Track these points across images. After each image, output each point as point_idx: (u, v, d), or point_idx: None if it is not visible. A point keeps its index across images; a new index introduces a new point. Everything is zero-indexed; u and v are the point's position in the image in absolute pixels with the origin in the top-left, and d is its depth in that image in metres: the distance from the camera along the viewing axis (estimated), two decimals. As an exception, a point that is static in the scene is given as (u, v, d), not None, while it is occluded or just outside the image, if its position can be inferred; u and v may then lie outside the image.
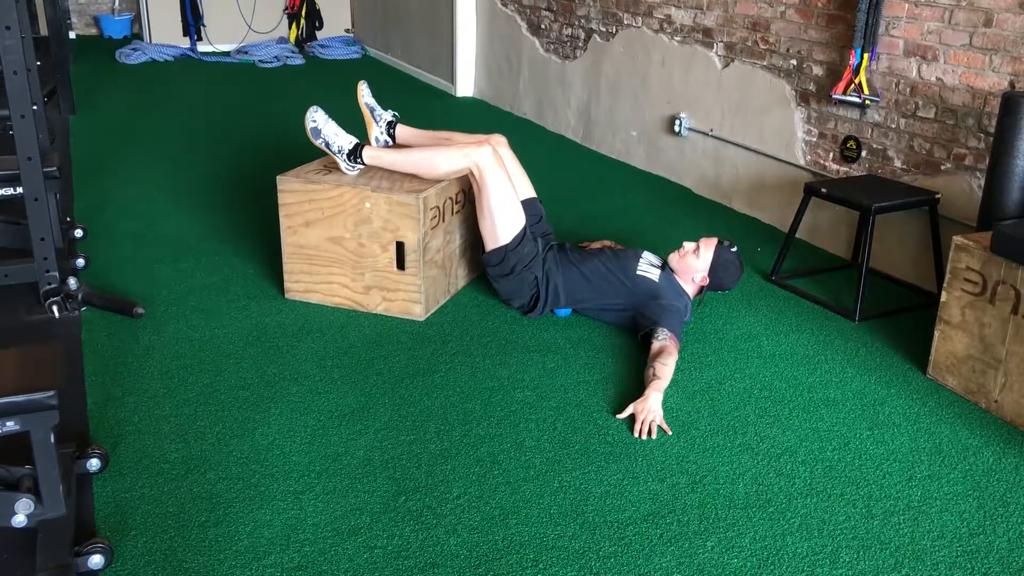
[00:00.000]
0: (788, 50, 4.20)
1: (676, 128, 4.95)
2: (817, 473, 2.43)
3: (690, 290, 3.26)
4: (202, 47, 9.39)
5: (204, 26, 9.49)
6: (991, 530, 2.23)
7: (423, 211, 3.15)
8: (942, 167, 3.53)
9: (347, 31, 10.04)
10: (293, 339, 3.12)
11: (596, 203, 4.75)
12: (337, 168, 3.36)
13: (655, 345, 2.95)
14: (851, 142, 3.91)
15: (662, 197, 4.87)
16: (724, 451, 2.52)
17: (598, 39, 5.65)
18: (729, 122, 4.61)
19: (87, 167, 5.13)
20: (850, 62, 3.76)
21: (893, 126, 3.71)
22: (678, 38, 4.92)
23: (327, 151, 3.32)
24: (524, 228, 3.22)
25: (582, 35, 5.82)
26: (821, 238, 4.13)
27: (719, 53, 4.64)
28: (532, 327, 3.25)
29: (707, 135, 4.77)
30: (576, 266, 3.27)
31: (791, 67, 4.19)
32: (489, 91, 7.17)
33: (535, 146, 5.92)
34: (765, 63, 4.34)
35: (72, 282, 3.25)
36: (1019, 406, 2.66)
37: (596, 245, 3.86)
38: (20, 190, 3.58)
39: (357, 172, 3.34)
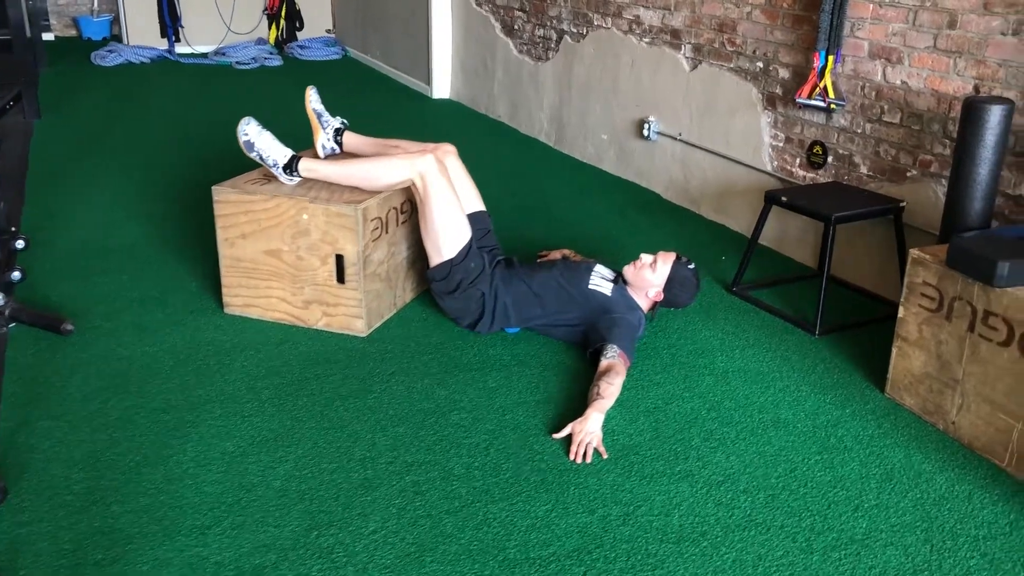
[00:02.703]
0: (754, 52, 4.06)
1: (645, 132, 4.82)
2: (758, 503, 2.30)
3: (644, 304, 3.13)
4: (180, 48, 9.27)
5: (182, 27, 9.36)
6: (936, 566, 2.10)
7: (362, 222, 3.02)
8: (908, 174, 3.39)
9: (328, 32, 9.91)
10: (226, 357, 2.99)
11: (564, 209, 4.62)
12: (276, 178, 3.23)
13: (603, 363, 2.82)
14: (817, 147, 3.77)
15: (630, 203, 4.73)
16: (662, 478, 2.39)
17: (569, 40, 5.52)
18: (697, 126, 4.48)
19: (45, 173, 5.00)
20: (814, 65, 3.62)
21: (859, 131, 3.58)
22: (647, 39, 4.79)
23: (262, 164, 3.19)
24: (470, 241, 3.09)
25: (554, 36, 5.69)
26: (788, 247, 3.99)
27: (687, 55, 4.51)
28: (478, 343, 3.12)
29: (675, 139, 4.63)
30: (525, 282, 3.13)
31: (757, 70, 4.06)
32: (465, 93, 7.04)
33: (507, 149, 5.80)
34: (732, 65, 4.21)
35: (0, 298, 3.12)
36: (976, 429, 2.53)
37: (555, 255, 3.74)
38: (-47, 201, 3.45)
39: (296, 182, 3.21)
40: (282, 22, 9.68)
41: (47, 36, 10.32)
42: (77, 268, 3.69)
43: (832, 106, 3.62)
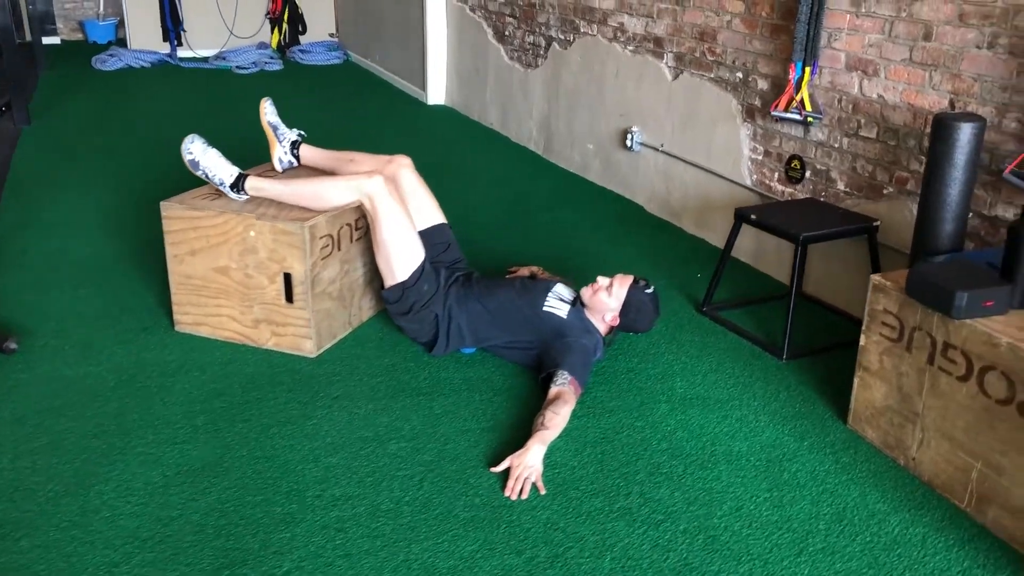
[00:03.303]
0: (734, 62, 3.93)
1: (628, 143, 4.70)
2: (696, 545, 2.18)
3: (601, 328, 3.02)
4: (182, 52, 9.24)
5: (184, 31, 9.34)
6: (877, 620, 1.97)
7: (309, 241, 2.93)
8: (884, 191, 3.26)
9: (331, 36, 9.86)
10: (169, 378, 2.91)
11: (544, 219, 4.52)
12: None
13: (552, 390, 2.72)
14: (795, 162, 3.64)
15: (612, 215, 4.62)
16: (599, 516, 2.28)
17: (557, 47, 5.41)
18: (679, 137, 4.36)
19: (26, 181, 4.96)
20: (790, 76, 3.49)
21: (836, 146, 3.44)
22: (631, 47, 4.67)
23: (210, 182, 3.11)
24: (423, 263, 2.98)
25: (543, 43, 5.58)
26: (767, 264, 3.86)
27: (669, 64, 4.38)
28: (431, 365, 3.02)
29: (658, 150, 4.51)
30: (480, 302, 3.03)
31: (737, 80, 3.93)
32: (459, 99, 6.95)
33: (496, 157, 5.70)
34: (712, 75, 4.08)
35: (-57, 315, 3.06)
36: (936, 466, 2.39)
37: (523, 271, 3.64)
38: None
39: (246, 198, 3.12)
40: (284, 26, 9.64)
41: (53, 40, 10.37)
42: (38, 281, 3.63)
43: (809, 119, 3.48)
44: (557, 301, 3.02)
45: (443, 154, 5.77)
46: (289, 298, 3.01)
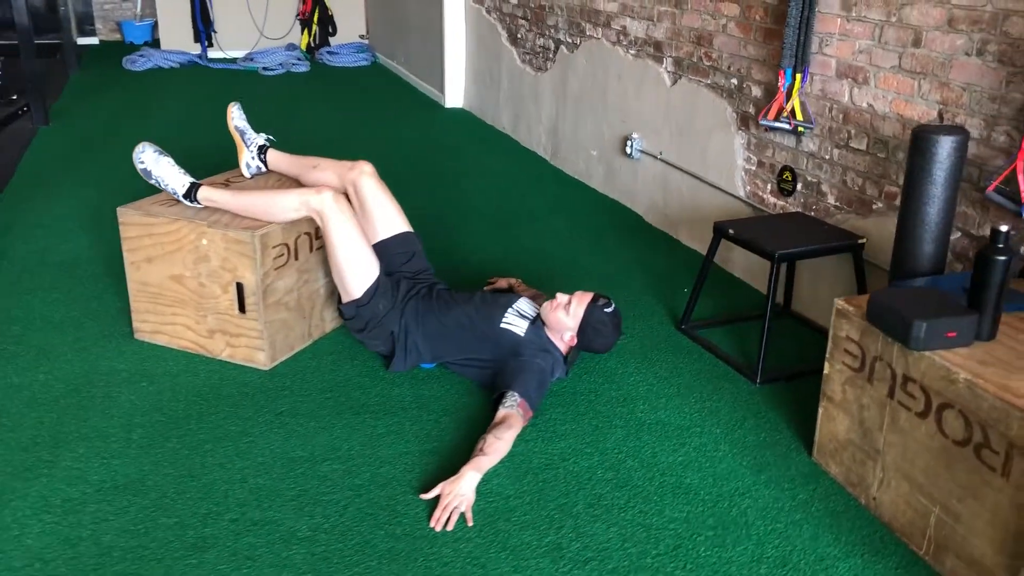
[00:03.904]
0: (729, 67, 3.76)
1: (628, 150, 4.54)
2: (621, 587, 2.04)
3: (561, 347, 2.88)
4: (213, 53, 9.29)
5: (215, 32, 9.38)
6: None
7: (260, 250, 2.84)
8: (874, 206, 3.06)
9: (361, 37, 9.83)
10: (117, 388, 2.84)
11: (541, 227, 4.39)
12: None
13: (499, 412, 2.59)
14: (787, 173, 3.46)
15: (610, 224, 4.47)
16: (525, 551, 2.15)
17: (565, 50, 5.27)
18: (677, 145, 4.19)
19: (28, 181, 4.98)
20: (780, 83, 3.31)
21: (827, 157, 3.26)
22: (632, 51, 4.51)
23: (164, 191, 3.04)
24: (377, 281, 2.87)
25: (552, 46, 5.44)
26: (759, 280, 3.68)
27: (668, 69, 4.22)
28: (384, 382, 2.91)
29: (656, 158, 4.35)
30: (438, 317, 2.91)
31: (732, 86, 3.75)
32: (475, 103, 6.85)
33: (504, 162, 5.58)
34: (709, 81, 3.91)
35: (-99, 319, 3.03)
36: (896, 508, 2.21)
37: (502, 283, 3.52)
38: None
39: (202, 207, 3.05)
40: (314, 28, 9.64)
41: (91, 40, 10.51)
42: (14, 283, 3.61)
43: (800, 129, 3.30)
44: (516, 318, 2.89)
45: (450, 159, 5.67)
46: (242, 308, 2.93)
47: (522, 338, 2.83)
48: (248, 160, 3.33)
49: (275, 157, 3.33)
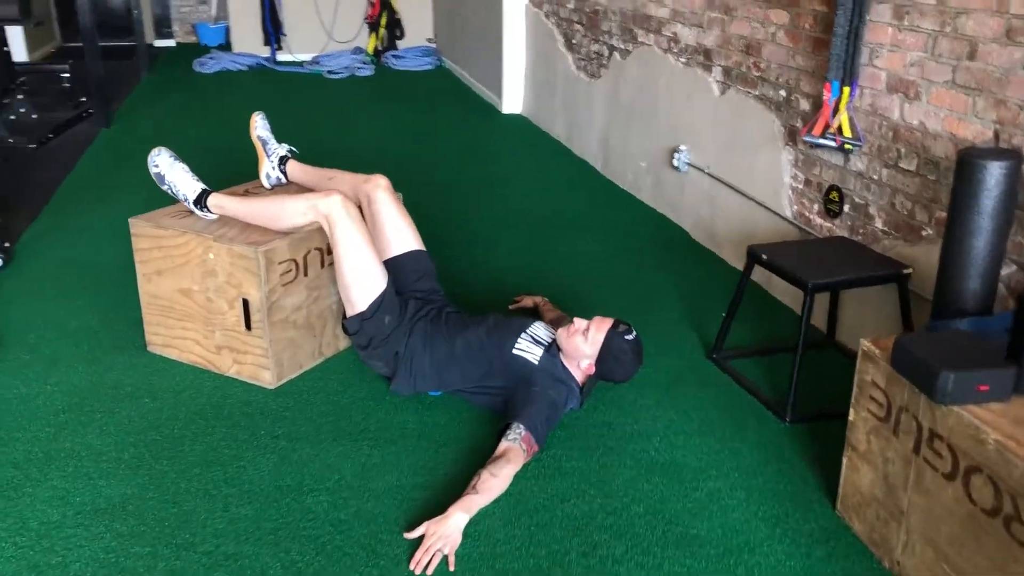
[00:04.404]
0: (777, 79, 3.53)
1: (675, 162, 4.34)
2: (602, 652, 1.87)
3: (578, 375, 2.72)
4: (282, 56, 9.36)
5: (284, 35, 9.45)
6: None
7: (264, 266, 2.75)
8: (923, 233, 2.81)
9: (428, 41, 9.78)
10: (118, 403, 2.79)
11: (584, 240, 4.24)
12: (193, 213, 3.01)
13: (501, 445, 2.44)
14: (834, 193, 3.22)
15: (655, 240, 4.27)
16: (505, 604, 1.99)
17: (618, 57, 5.09)
18: (725, 158, 3.97)
19: (80, 184, 5.02)
20: (826, 97, 3.08)
21: (875, 177, 3.01)
22: (683, 59, 4.31)
23: (175, 197, 2.98)
24: (383, 294, 2.75)
25: (606, 52, 5.27)
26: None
27: (717, 78, 4.01)
28: (389, 406, 2.79)
29: (703, 172, 4.13)
30: (447, 341, 2.77)
31: (780, 99, 3.52)
32: (532, 109, 6.70)
33: (556, 172, 5.43)
34: (757, 92, 3.69)
35: (-81, 325, 3.04)
36: (919, 575, 1.99)
37: (528, 302, 3.39)
38: (-85, 219, 3.43)
39: (214, 218, 2.98)
40: (382, 31, 9.62)
41: (168, 43, 10.72)
42: (39, 290, 3.61)
43: (847, 147, 3.06)
44: (530, 344, 2.73)
45: (499, 166, 5.54)
46: (248, 325, 2.84)
47: (535, 366, 2.68)
48: (268, 170, 3.26)
49: (294, 168, 3.25)
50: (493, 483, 2.31)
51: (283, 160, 3.25)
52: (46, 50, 9.56)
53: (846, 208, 3.17)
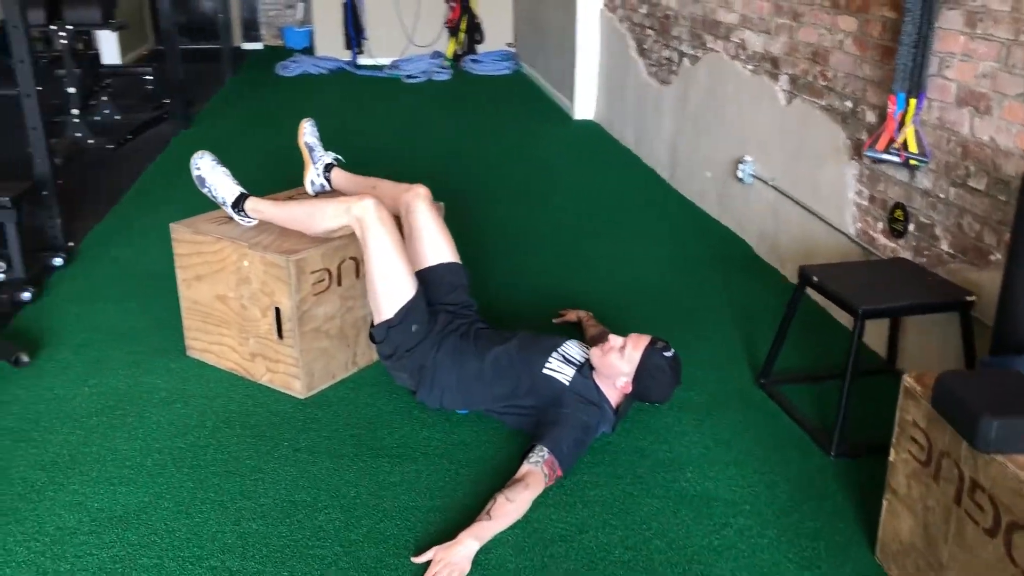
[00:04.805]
0: (844, 89, 3.35)
1: (739, 173, 4.17)
2: None
3: (612, 396, 2.60)
4: (363, 60, 9.45)
5: (366, 39, 9.54)
6: None
7: (296, 275, 2.72)
8: (991, 257, 2.61)
9: (508, 45, 9.74)
10: (150, 408, 2.80)
11: (643, 252, 4.13)
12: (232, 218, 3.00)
13: (522, 468, 2.36)
14: (898, 211, 3.02)
15: (715, 254, 4.11)
16: (506, 641, 1.90)
17: (687, 63, 4.94)
18: (790, 171, 3.79)
19: (153, 186, 5.13)
20: (890, 110, 2.89)
21: (942, 196, 2.81)
22: (750, 66, 4.14)
23: (214, 201, 2.98)
24: (411, 302, 2.68)
25: (676, 58, 5.12)
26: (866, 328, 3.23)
27: (783, 87, 3.83)
28: (416, 422, 2.73)
29: (767, 184, 3.96)
30: (478, 358, 2.69)
31: (846, 110, 3.34)
32: (604, 115, 6.58)
33: (622, 180, 5.31)
34: (823, 103, 3.50)
35: (-30, 322, 3.11)
36: (958, 639, 1.81)
37: (572, 316, 3.30)
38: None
39: (254, 223, 2.97)
40: (462, 35, 9.63)
41: (256, 46, 10.96)
42: (93, 290, 3.67)
43: (912, 162, 2.87)
44: (561, 363, 2.63)
45: (564, 173, 5.44)
46: (280, 333, 2.82)
47: (566, 387, 2.58)
48: (313, 177, 3.24)
49: (339, 176, 3.22)
50: (508, 508, 2.22)
51: (328, 168, 3.22)
52: (139, 52, 9.86)
53: (911, 228, 2.97)
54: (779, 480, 2.45)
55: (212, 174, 2.95)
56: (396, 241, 2.68)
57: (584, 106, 6.83)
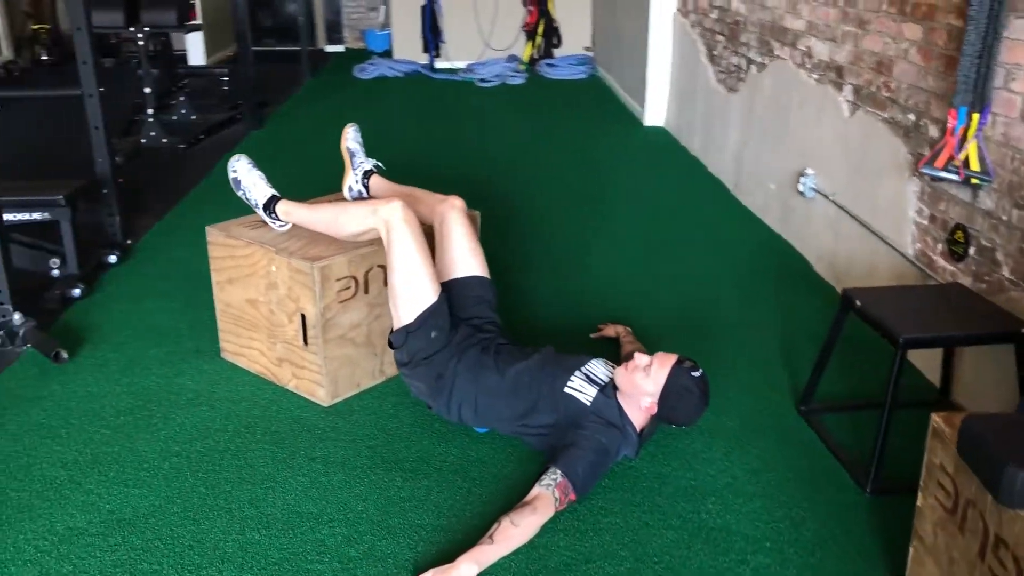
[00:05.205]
0: (907, 101, 3.16)
1: (800, 187, 4.00)
2: None
3: (637, 418, 2.50)
4: (440, 63, 9.48)
5: (443, 43, 9.57)
6: None
7: (320, 281, 2.70)
8: (1053, 286, 2.41)
9: (586, 49, 9.64)
10: (178, 409, 2.81)
11: (695, 266, 4.01)
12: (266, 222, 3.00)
13: (532, 490, 2.28)
14: (959, 232, 2.83)
15: (772, 269, 3.95)
16: (492, 675, 1.82)
17: (754, 71, 4.77)
18: (851, 186, 3.61)
19: (216, 186, 5.19)
20: (950, 124, 2.71)
21: (1004, 218, 2.62)
22: (815, 75, 3.96)
23: (248, 204, 2.98)
24: (432, 308, 2.61)
25: (744, 65, 4.95)
26: (921, 356, 3.06)
27: (847, 98, 3.65)
28: (435, 436, 2.67)
29: (828, 199, 3.78)
30: (497, 372, 2.61)
31: (909, 123, 3.15)
32: (674, 122, 6.43)
33: (685, 190, 5.18)
34: (886, 115, 3.32)
35: (17, 318, 3.19)
36: None
37: (610, 331, 3.21)
38: (36, 215, 3.63)
39: (286, 228, 2.96)
40: (539, 39, 9.57)
41: (338, 48, 11.12)
42: (145, 289, 3.73)
43: (973, 181, 2.68)
44: (583, 382, 2.54)
45: (628, 182, 5.33)
46: (306, 340, 2.80)
47: (587, 407, 2.48)
48: (351, 183, 3.21)
49: (377, 183, 3.19)
50: (512, 533, 2.14)
51: (367, 174, 3.19)
52: (224, 54, 10.10)
53: (971, 251, 2.78)
54: (806, 516, 2.30)
55: (248, 177, 2.96)
56: (421, 245, 2.63)
57: (655, 112, 6.69)
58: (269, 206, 2.90)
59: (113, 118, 6.42)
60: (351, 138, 3.24)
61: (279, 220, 2.92)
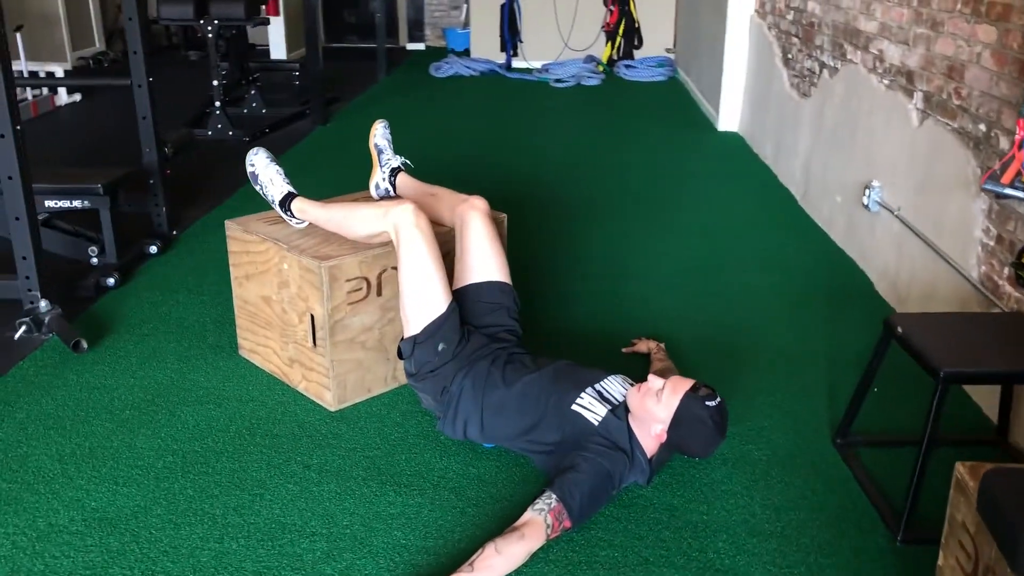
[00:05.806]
0: (978, 109, 2.89)
1: (865, 200, 3.73)
2: None
3: (648, 444, 2.32)
4: (516, 63, 9.37)
5: (521, 42, 9.45)
6: None
7: (328, 282, 2.59)
8: (1125, 321, 2.13)
9: (667, 51, 9.39)
10: (183, 407, 2.75)
11: (750, 281, 3.78)
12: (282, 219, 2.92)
13: (524, 515, 2.12)
14: (1026, 256, 2.56)
15: (831, 287, 3.70)
16: None
17: (827, 75, 4.50)
18: (917, 201, 3.34)
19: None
20: (1017, 135, 2.44)
21: (1075, 242, 2.35)
22: (886, 81, 3.69)
23: (264, 199, 2.90)
24: (441, 319, 2.49)
25: (817, 69, 4.69)
26: (977, 389, 2.79)
27: (917, 105, 3.38)
28: (438, 450, 2.54)
29: (893, 214, 3.51)
30: (504, 385, 2.46)
31: (979, 134, 2.88)
32: (748, 128, 6.17)
33: (751, 199, 4.94)
34: (955, 125, 3.05)
35: (43, 305, 3.18)
36: None
37: (642, 347, 3.04)
38: (76, 204, 3.64)
39: (303, 226, 2.87)
40: (619, 39, 9.37)
41: (418, 46, 11.11)
42: (179, 282, 3.71)
43: (1042, 199, 2.41)
44: (594, 400, 2.37)
45: (693, 189, 5.10)
46: (315, 341, 2.70)
47: (594, 427, 2.32)
48: (378, 180, 3.11)
49: (403, 181, 3.08)
50: (494, 562, 1.99)
51: (394, 172, 3.09)
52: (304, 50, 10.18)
53: (1038, 276, 2.51)
54: (825, 563, 2.09)
55: (265, 172, 2.88)
56: (432, 251, 2.50)
57: (729, 117, 6.43)
58: (285, 203, 2.82)
59: (187, 109, 6.54)
60: (380, 135, 3.14)
61: (295, 217, 2.84)
